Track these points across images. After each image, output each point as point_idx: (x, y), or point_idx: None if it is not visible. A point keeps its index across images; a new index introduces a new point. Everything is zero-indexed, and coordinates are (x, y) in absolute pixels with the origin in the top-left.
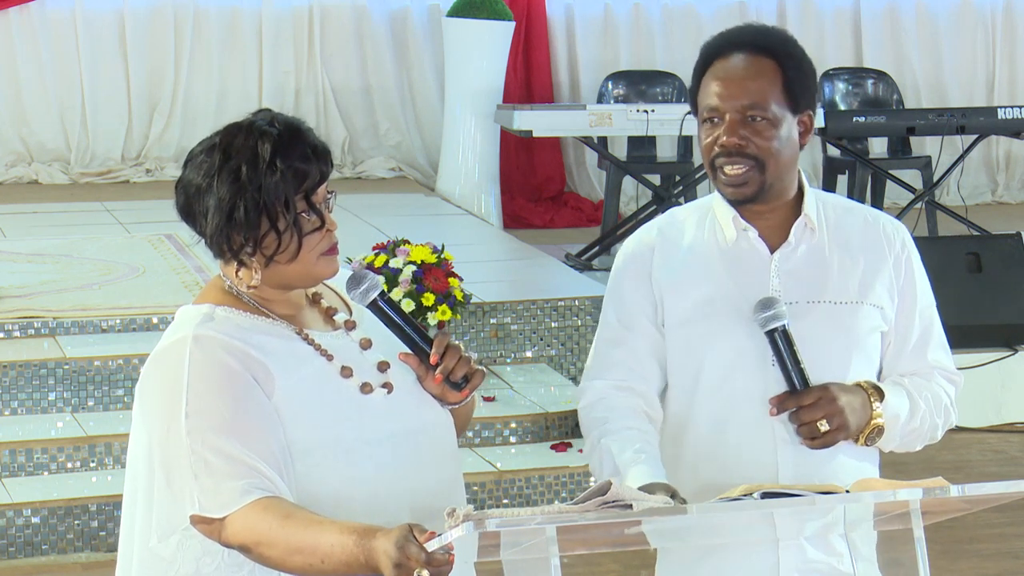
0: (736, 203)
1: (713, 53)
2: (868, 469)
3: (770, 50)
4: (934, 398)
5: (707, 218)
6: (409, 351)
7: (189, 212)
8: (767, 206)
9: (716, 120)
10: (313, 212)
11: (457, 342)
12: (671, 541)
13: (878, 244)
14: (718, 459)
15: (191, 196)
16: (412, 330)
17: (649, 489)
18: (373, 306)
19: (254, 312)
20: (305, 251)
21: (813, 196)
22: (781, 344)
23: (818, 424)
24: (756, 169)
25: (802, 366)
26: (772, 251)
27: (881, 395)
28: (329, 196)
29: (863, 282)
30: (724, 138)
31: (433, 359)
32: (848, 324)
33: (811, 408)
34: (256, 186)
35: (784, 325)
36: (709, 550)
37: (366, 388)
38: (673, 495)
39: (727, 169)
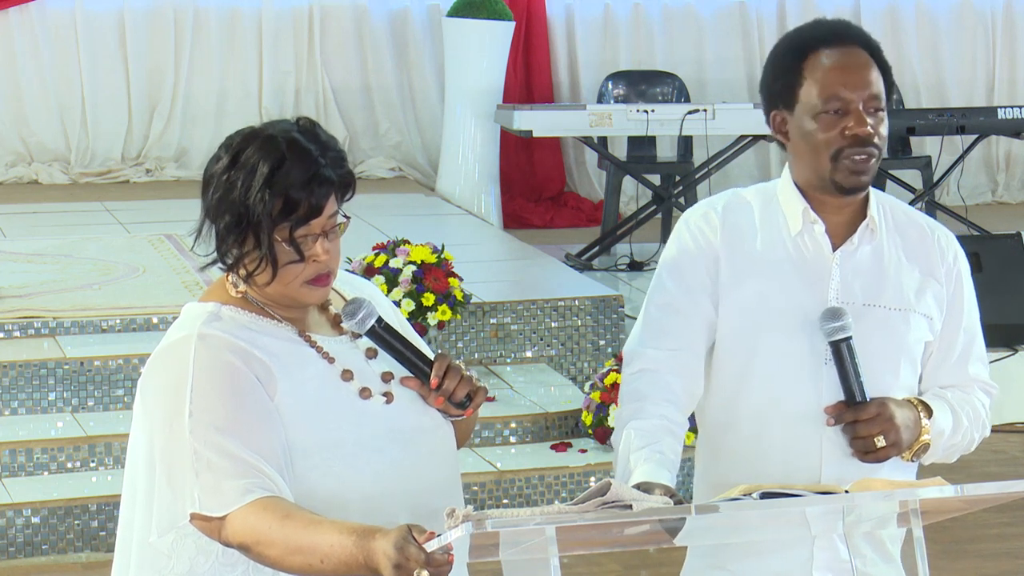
0: (849, 192)
1: (815, 44)
2: (906, 475)
3: (870, 47)
4: (974, 413)
5: (771, 205)
6: (410, 375)
7: (202, 195)
8: (850, 199)
9: (839, 111)
10: (292, 246)
11: (458, 362)
12: (697, 539)
13: (932, 254)
14: (760, 455)
15: (204, 182)
16: (412, 354)
17: (646, 488)
18: (371, 333)
19: (259, 313)
20: (285, 278)
21: (875, 197)
22: (845, 355)
23: (875, 439)
24: (876, 159)
25: (861, 379)
26: (834, 249)
27: (930, 412)
28: (337, 224)
29: (917, 291)
30: (858, 128)
31: (433, 382)
32: (901, 331)
33: (869, 423)
34: (244, 205)
35: (850, 337)
36: (737, 547)
37: (365, 393)
38: (671, 495)
39: (857, 157)
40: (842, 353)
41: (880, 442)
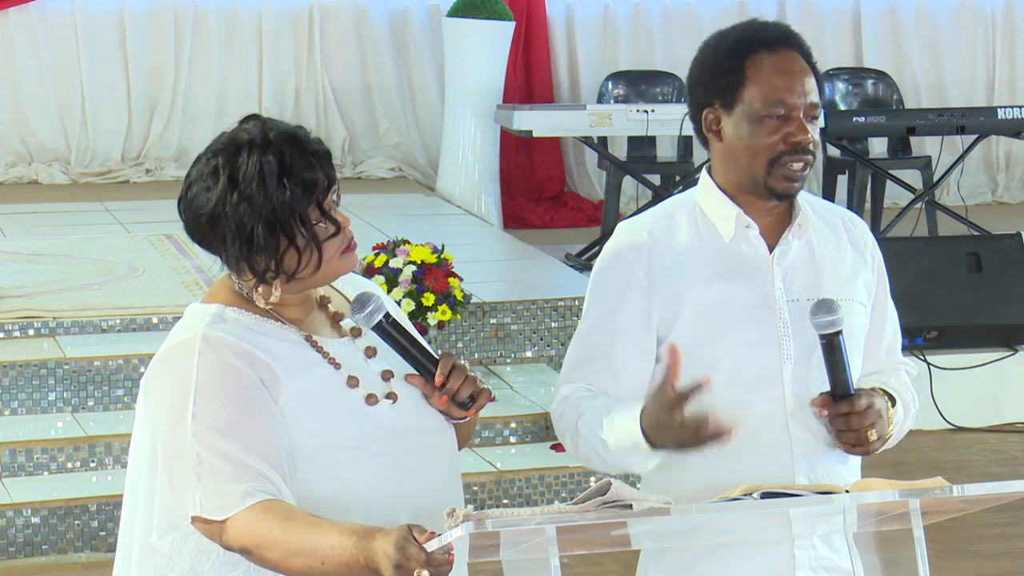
0: (782, 198)
1: (757, 46)
2: (852, 471)
3: (806, 54)
4: (912, 399)
5: (695, 215)
6: (415, 372)
7: (203, 238)
8: (779, 202)
9: (781, 116)
10: (327, 219)
11: (463, 362)
12: (676, 541)
13: (857, 242)
14: (728, 460)
15: (204, 224)
16: (417, 351)
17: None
18: (378, 328)
19: (264, 315)
20: (327, 255)
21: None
22: (837, 348)
23: (868, 433)
24: (810, 165)
25: (850, 371)
26: (770, 249)
27: (894, 401)
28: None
29: (851, 280)
30: (800, 135)
31: (438, 380)
32: (847, 321)
33: (862, 415)
34: (270, 208)
35: (839, 331)
36: (716, 547)
37: (371, 399)
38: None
39: (794, 165)
40: (834, 346)
41: (872, 435)
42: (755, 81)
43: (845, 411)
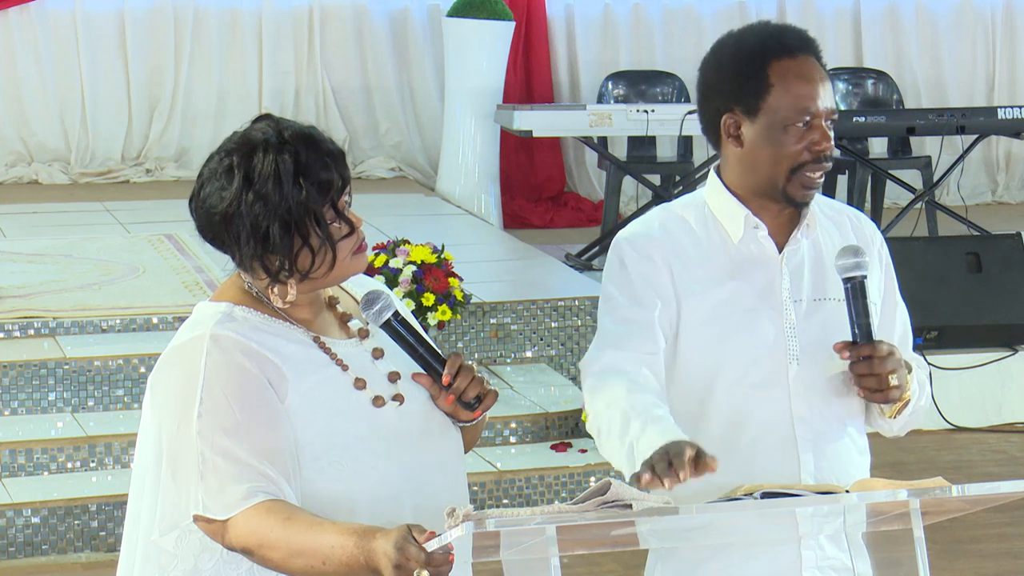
0: (798, 205)
1: (779, 51)
2: (861, 470)
3: (820, 58)
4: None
5: (703, 215)
6: (422, 371)
7: (216, 237)
8: (793, 207)
9: (804, 124)
10: (341, 219)
11: (470, 362)
12: (681, 540)
13: (864, 241)
14: (734, 459)
15: (217, 223)
16: (425, 350)
17: (675, 447)
18: (386, 326)
19: (273, 315)
20: (340, 256)
21: None
22: (859, 292)
23: (889, 377)
24: (826, 172)
25: (873, 319)
26: (779, 249)
27: (910, 368)
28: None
29: None
30: (824, 143)
31: (445, 380)
32: None
33: (884, 360)
34: (285, 208)
35: (864, 276)
36: (722, 548)
37: (378, 401)
38: (698, 454)
39: (814, 174)
40: (857, 290)
41: (893, 380)
42: (781, 88)
43: (867, 354)
